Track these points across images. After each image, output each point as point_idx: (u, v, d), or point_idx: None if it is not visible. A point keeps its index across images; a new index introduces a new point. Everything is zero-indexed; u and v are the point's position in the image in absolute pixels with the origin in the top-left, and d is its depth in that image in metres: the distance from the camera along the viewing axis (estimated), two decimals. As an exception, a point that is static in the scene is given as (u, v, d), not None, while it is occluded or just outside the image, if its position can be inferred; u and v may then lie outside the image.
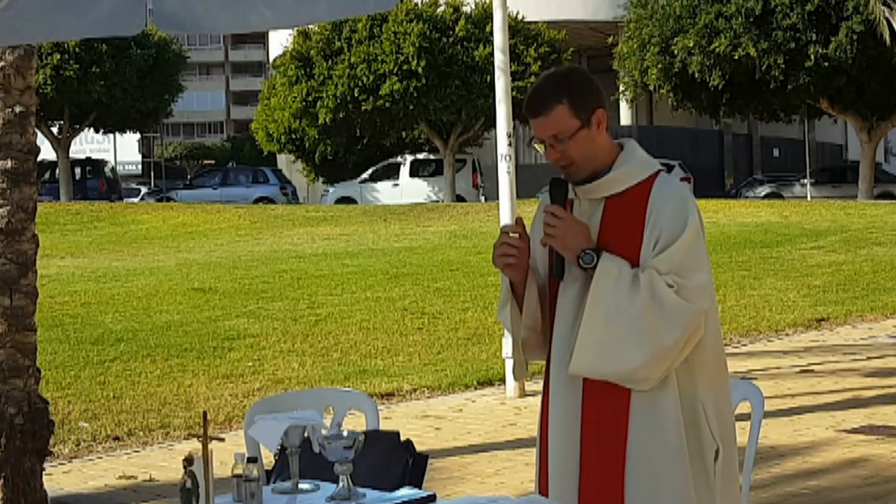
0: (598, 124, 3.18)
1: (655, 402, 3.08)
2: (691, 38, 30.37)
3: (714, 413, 3.13)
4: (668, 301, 3.01)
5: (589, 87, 3.21)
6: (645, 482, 3.09)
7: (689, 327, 3.03)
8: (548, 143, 3.18)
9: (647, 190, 3.15)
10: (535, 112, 3.18)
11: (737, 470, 3.28)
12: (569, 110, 3.14)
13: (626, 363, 3.03)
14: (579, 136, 3.15)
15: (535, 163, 40.45)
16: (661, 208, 3.10)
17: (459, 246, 20.36)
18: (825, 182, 37.19)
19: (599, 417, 3.12)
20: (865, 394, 8.99)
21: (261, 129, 39.09)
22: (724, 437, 3.16)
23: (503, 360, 9.52)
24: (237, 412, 8.76)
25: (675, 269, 3.04)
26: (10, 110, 5.77)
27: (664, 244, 3.07)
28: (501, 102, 9.58)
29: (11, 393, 5.58)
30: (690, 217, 3.10)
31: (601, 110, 3.19)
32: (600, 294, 3.06)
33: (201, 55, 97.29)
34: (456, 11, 34.04)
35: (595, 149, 3.17)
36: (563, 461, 3.21)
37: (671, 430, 3.07)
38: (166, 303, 14.56)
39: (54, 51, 34.31)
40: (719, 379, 3.19)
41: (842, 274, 16.03)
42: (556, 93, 3.16)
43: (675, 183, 3.20)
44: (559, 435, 3.22)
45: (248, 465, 3.12)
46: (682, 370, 3.10)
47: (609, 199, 3.18)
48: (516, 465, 7.10)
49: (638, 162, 3.21)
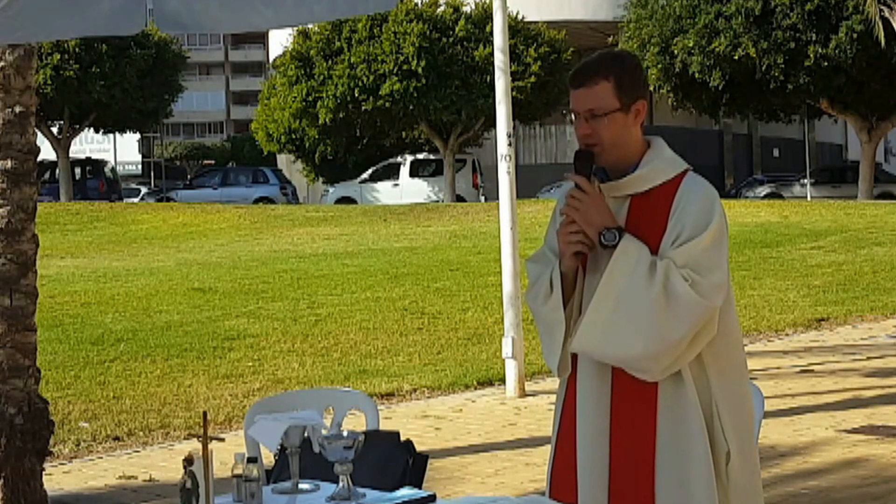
0: (637, 114, 3.14)
1: (679, 398, 3.05)
2: (691, 38, 30.37)
3: (728, 415, 3.08)
4: (680, 293, 2.97)
5: (638, 73, 3.19)
6: (672, 482, 3.05)
7: (697, 323, 2.99)
8: (583, 116, 3.13)
9: (674, 189, 3.11)
10: (578, 82, 3.14)
11: (759, 480, 3.20)
12: (613, 89, 3.10)
13: (627, 349, 3.00)
14: (615, 118, 3.11)
15: (535, 163, 40.45)
16: (686, 205, 3.07)
17: (459, 246, 20.36)
18: (825, 182, 37.19)
19: (629, 412, 3.08)
20: (865, 394, 8.99)
21: (261, 129, 39.10)
22: (739, 440, 3.10)
23: (503, 360, 9.52)
24: (237, 412, 8.76)
25: (691, 264, 3.00)
26: (10, 110, 5.76)
27: (685, 240, 3.03)
28: (501, 102, 9.57)
29: (11, 393, 5.58)
30: (715, 218, 3.06)
31: (643, 101, 3.15)
32: (616, 274, 3.02)
33: (201, 55, 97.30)
34: (456, 11, 34.03)
35: (626, 137, 3.13)
36: (592, 455, 3.12)
37: (695, 424, 3.04)
38: (166, 303, 14.56)
39: (54, 51, 34.31)
40: (737, 380, 3.14)
41: (842, 274, 16.03)
42: (605, 68, 3.12)
43: (703, 182, 3.15)
44: (588, 429, 3.14)
45: (248, 465, 3.12)
46: (695, 368, 3.06)
47: (634, 197, 3.14)
48: (516, 465, 7.10)
49: (665, 160, 3.17)
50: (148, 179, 52.62)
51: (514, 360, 9.35)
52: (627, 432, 3.09)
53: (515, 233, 9.46)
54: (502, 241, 9.57)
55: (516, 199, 9.63)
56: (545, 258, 3.25)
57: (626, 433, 3.09)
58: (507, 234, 9.47)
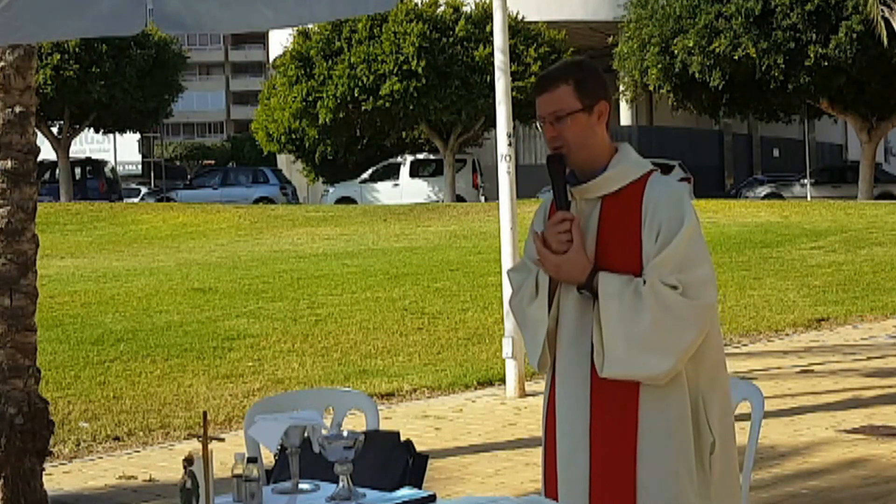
0: (600, 116, 3.25)
1: (665, 395, 3.14)
2: (691, 38, 30.36)
3: (713, 407, 3.19)
4: (675, 305, 3.08)
5: (597, 77, 3.30)
6: (657, 477, 3.12)
7: (702, 324, 3.11)
8: (547, 120, 3.25)
9: (642, 188, 3.21)
10: (540, 89, 3.28)
11: (736, 467, 3.31)
12: (573, 91, 3.22)
13: (655, 369, 3.10)
14: (578, 119, 3.22)
15: (534, 163, 40.46)
16: (656, 203, 3.16)
17: (459, 246, 20.36)
18: (825, 182, 37.19)
19: (608, 414, 3.16)
20: (865, 394, 8.99)
21: (261, 129, 39.09)
22: (723, 431, 3.20)
23: (503, 360, 9.52)
24: (237, 412, 8.76)
25: (678, 265, 3.10)
26: (10, 110, 5.76)
27: (665, 238, 3.12)
28: (501, 103, 9.58)
29: (11, 393, 5.58)
30: (687, 212, 3.16)
31: (605, 103, 3.26)
32: (609, 318, 3.12)
33: (201, 55, 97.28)
34: (456, 11, 34.03)
35: (592, 139, 3.23)
36: (571, 458, 3.22)
37: (681, 423, 3.13)
38: (166, 303, 14.56)
39: (54, 51, 34.31)
40: (719, 373, 3.25)
41: (842, 274, 16.03)
42: (564, 74, 3.27)
43: (667, 181, 3.27)
44: (567, 432, 3.24)
45: (248, 465, 3.12)
46: (688, 364, 3.15)
47: (605, 198, 3.23)
48: (516, 465, 7.10)
49: (632, 162, 3.27)
50: (148, 179, 52.59)
51: (514, 360, 9.36)
52: (608, 424, 3.16)
53: (515, 233, 9.47)
54: (502, 241, 9.57)
55: (516, 199, 9.63)
56: (526, 268, 3.37)
57: (606, 425, 3.17)
58: (507, 234, 9.47)
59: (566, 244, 3.17)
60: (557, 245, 3.19)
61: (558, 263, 3.18)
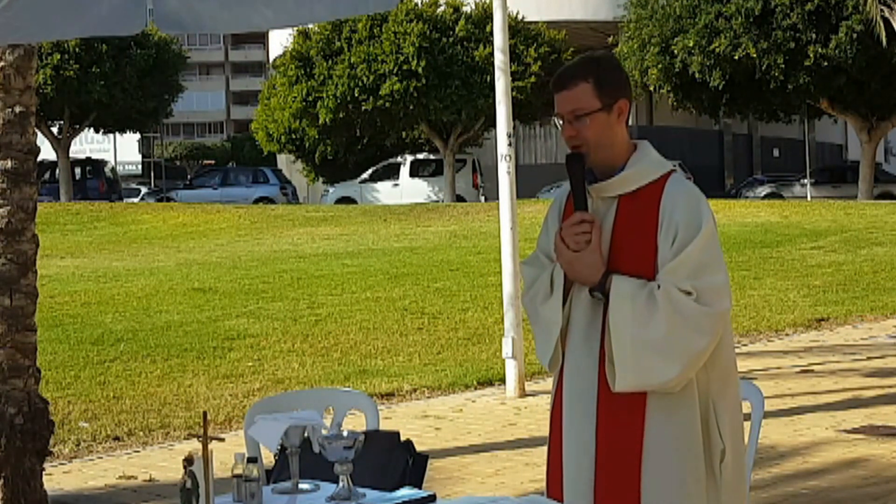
0: (619, 114, 3.19)
1: (674, 402, 3.10)
2: (691, 38, 30.36)
3: (724, 413, 3.15)
4: (690, 312, 3.03)
5: (618, 74, 3.24)
6: (662, 483, 3.09)
7: (716, 331, 3.07)
8: (566, 118, 3.18)
9: (660, 189, 3.15)
10: (559, 86, 3.20)
11: (745, 474, 3.27)
12: (593, 89, 3.16)
13: (665, 376, 3.05)
14: (597, 118, 3.15)
15: (535, 163, 40.46)
16: (674, 206, 3.11)
17: (459, 246, 20.36)
18: (825, 182, 37.20)
19: (615, 417, 3.13)
20: (865, 394, 8.99)
21: (261, 129, 39.09)
22: (733, 438, 3.17)
23: (503, 360, 9.52)
24: (237, 412, 8.76)
25: (692, 271, 3.05)
26: (10, 110, 5.76)
27: (681, 243, 3.07)
28: (501, 103, 9.57)
29: (11, 393, 5.58)
30: (705, 216, 3.11)
31: (625, 100, 3.20)
32: (619, 322, 3.08)
33: (201, 55, 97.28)
34: (456, 11, 34.02)
35: (611, 137, 3.18)
36: (576, 460, 3.19)
37: (690, 429, 3.10)
38: (166, 303, 14.56)
39: (54, 51, 34.31)
40: (730, 379, 3.21)
41: (842, 274, 16.03)
42: (583, 71, 3.18)
43: (687, 182, 3.21)
44: (573, 434, 3.21)
45: (248, 465, 3.12)
46: (700, 370, 3.11)
47: (622, 197, 3.18)
48: (516, 465, 7.10)
49: (651, 161, 3.21)
50: (148, 179, 52.61)
51: (514, 360, 9.35)
52: (615, 427, 3.13)
53: (515, 233, 9.47)
54: (502, 242, 9.57)
55: (516, 199, 9.63)
56: (539, 262, 3.31)
57: (613, 428, 3.13)
58: (507, 235, 9.47)
59: (584, 245, 3.13)
60: (575, 245, 3.14)
61: (571, 261, 3.13)
